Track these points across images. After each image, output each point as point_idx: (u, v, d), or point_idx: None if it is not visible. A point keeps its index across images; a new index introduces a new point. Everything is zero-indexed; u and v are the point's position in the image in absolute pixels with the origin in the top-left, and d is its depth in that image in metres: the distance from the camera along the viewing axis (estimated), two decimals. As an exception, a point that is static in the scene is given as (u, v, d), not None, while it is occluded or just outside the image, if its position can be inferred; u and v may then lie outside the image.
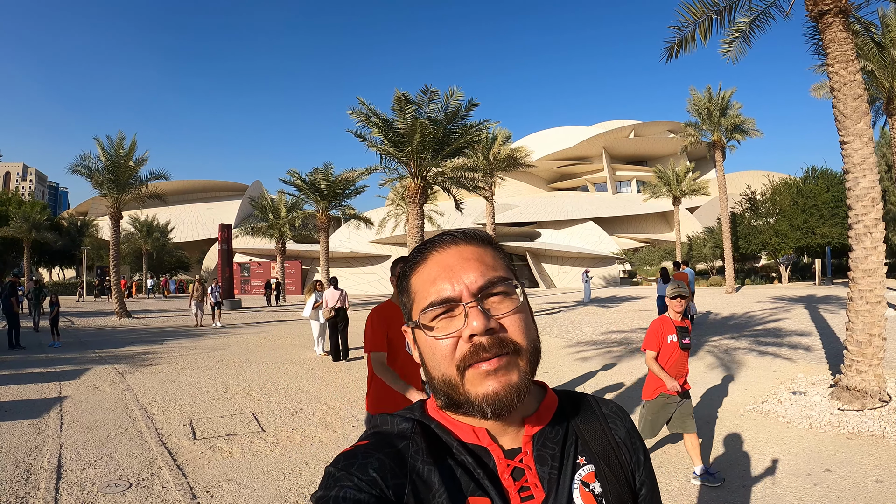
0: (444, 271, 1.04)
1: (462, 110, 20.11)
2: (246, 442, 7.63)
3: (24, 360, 14.88)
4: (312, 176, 34.42)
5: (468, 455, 1.02)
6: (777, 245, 41.05)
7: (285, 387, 11.22)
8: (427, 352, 1.05)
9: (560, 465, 1.05)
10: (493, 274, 1.04)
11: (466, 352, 0.98)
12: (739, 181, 69.63)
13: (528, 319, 1.05)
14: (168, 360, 14.51)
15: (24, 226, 49.61)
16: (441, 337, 1.01)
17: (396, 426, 1.07)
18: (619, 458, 1.13)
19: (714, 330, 17.43)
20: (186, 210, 79.72)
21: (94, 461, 6.77)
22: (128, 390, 10.84)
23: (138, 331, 22.71)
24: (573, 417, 1.15)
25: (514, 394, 0.98)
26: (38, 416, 8.95)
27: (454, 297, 1.01)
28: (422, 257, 1.10)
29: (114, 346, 17.79)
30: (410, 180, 21.32)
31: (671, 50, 12.31)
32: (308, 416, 8.97)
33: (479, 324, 0.97)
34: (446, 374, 1.01)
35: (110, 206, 29.39)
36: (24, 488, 5.94)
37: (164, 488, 5.94)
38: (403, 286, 1.12)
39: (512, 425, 1.07)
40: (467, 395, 0.99)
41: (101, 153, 28.57)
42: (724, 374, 11.27)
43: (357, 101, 20.33)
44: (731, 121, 34.80)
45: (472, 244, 1.10)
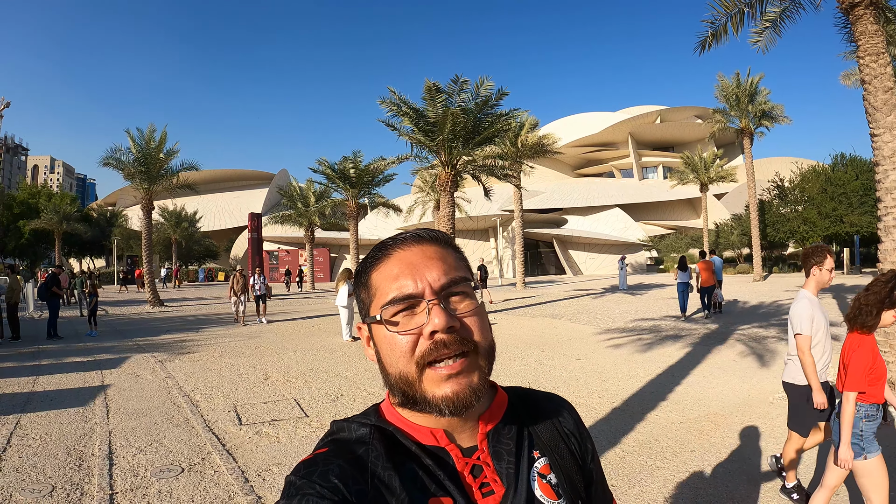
0: (407, 268, 1.05)
1: (492, 99, 20.06)
2: (291, 427, 7.68)
3: (63, 349, 15.06)
4: (342, 164, 34.49)
5: (428, 457, 1.03)
6: (805, 233, 40.50)
7: (324, 373, 11.27)
8: (385, 348, 1.05)
9: (517, 459, 1.08)
10: (455, 273, 1.06)
11: (427, 348, 0.99)
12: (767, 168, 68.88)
13: (485, 321, 1.07)
14: (205, 348, 14.65)
15: (54, 217, 50.33)
16: (402, 332, 1.01)
17: (354, 432, 1.07)
18: (570, 448, 1.17)
19: (743, 318, 17.30)
20: (214, 199, 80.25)
21: (144, 447, 6.83)
22: (169, 378, 10.94)
23: (172, 319, 22.95)
24: (524, 413, 1.17)
25: (472, 395, 1.00)
26: (84, 404, 9.05)
27: (416, 293, 1.02)
28: (384, 254, 1.10)
29: (150, 334, 17.98)
30: (441, 169, 21.30)
31: (704, 42, 12.32)
32: (349, 402, 9.01)
33: (441, 321, 0.98)
34: (404, 371, 1.01)
35: (142, 196, 29.75)
36: (77, 475, 6.00)
37: (216, 472, 5.99)
38: (362, 281, 1.12)
39: (468, 423, 1.08)
40: (424, 394, 1.00)
41: (132, 145, 28.92)
42: (754, 363, 11.20)
43: (388, 90, 20.29)
44: (759, 107, 34.34)
45: (435, 244, 1.11)
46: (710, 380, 9.91)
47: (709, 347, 12.84)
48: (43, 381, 10.94)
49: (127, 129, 28.89)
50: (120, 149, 28.95)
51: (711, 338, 14.02)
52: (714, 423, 7.46)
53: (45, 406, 8.94)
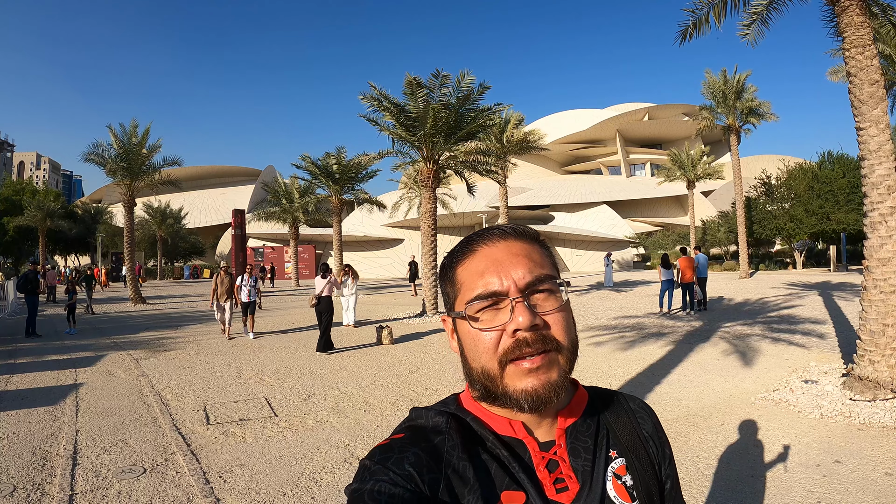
0: (492, 265, 1.05)
1: (474, 93, 19.97)
2: (259, 427, 7.71)
3: (40, 347, 15.02)
4: (325, 161, 34.37)
5: (503, 448, 1.03)
6: (792, 230, 40.64)
7: (298, 371, 11.30)
8: (468, 343, 1.06)
9: (593, 457, 1.08)
10: (541, 271, 1.05)
11: (509, 346, 0.99)
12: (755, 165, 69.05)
13: (569, 319, 1.07)
14: (182, 346, 14.65)
15: (38, 214, 49.98)
16: (485, 329, 1.02)
17: (431, 420, 1.09)
18: (648, 452, 1.16)
19: (728, 316, 17.39)
20: (200, 196, 79.79)
21: (109, 447, 6.85)
22: (142, 376, 10.95)
23: (153, 317, 22.90)
24: (603, 412, 1.17)
25: (552, 391, 1.00)
26: (55, 403, 9.05)
27: (501, 291, 1.02)
28: (470, 249, 1.11)
29: (129, 332, 17.95)
30: (423, 164, 21.25)
31: (685, 33, 12.21)
32: (320, 401, 9.04)
33: (525, 319, 0.98)
34: (486, 367, 1.02)
35: (124, 193, 29.55)
36: (40, 475, 6.02)
37: (177, 473, 6.01)
38: (448, 276, 1.13)
39: (546, 418, 1.08)
40: (505, 389, 1.01)
41: (114, 141, 28.72)
42: (737, 361, 11.23)
43: (368, 86, 20.25)
44: (746, 104, 34.39)
45: (521, 240, 1.11)
46: (691, 379, 9.96)
47: (692, 345, 12.89)
48: (16, 379, 10.92)
49: (109, 125, 28.70)
50: (102, 144, 28.72)
51: (695, 336, 14.09)
52: (693, 425, 7.48)
53: (16, 405, 8.94)
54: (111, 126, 28.80)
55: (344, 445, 6.92)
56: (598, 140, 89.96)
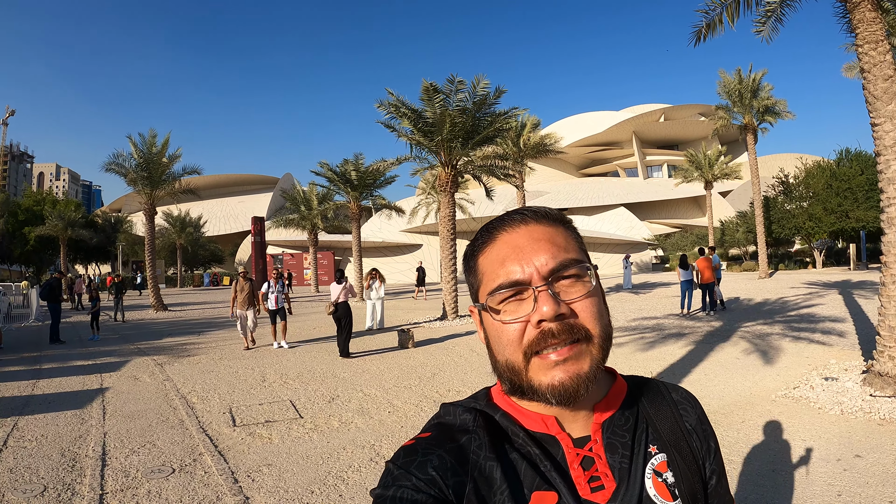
0: (513, 252, 1.00)
1: (490, 98, 19.97)
2: (284, 428, 7.74)
3: (65, 353, 15.14)
4: (343, 167, 34.39)
5: (534, 445, 0.99)
6: (811, 229, 40.23)
7: (321, 375, 11.33)
8: (493, 335, 1.02)
9: (631, 453, 1.02)
10: (565, 256, 1.00)
11: (534, 337, 0.95)
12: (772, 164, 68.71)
13: (600, 304, 1.01)
14: (206, 351, 14.74)
15: (59, 224, 50.40)
16: (509, 321, 0.97)
17: (459, 417, 1.06)
18: (691, 446, 1.10)
19: (748, 315, 17.25)
20: (219, 204, 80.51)
21: (137, 448, 6.90)
22: (167, 380, 11.03)
23: (175, 323, 23.06)
24: (643, 404, 1.11)
25: (581, 384, 0.94)
26: (81, 406, 9.14)
27: (524, 279, 0.97)
28: (490, 237, 1.06)
29: (152, 338, 18.07)
30: (441, 169, 21.27)
31: (699, 33, 12.17)
32: (344, 403, 9.06)
33: (549, 309, 0.93)
34: (511, 360, 0.98)
35: (144, 202, 29.82)
36: (70, 475, 6.08)
37: (206, 473, 6.06)
38: (470, 266, 1.09)
39: (581, 412, 1.04)
40: (531, 383, 0.96)
41: (133, 151, 29.01)
42: (758, 360, 11.16)
43: (385, 92, 20.33)
44: (762, 103, 34.10)
45: (543, 223, 1.05)
46: (712, 378, 9.91)
47: (712, 345, 12.80)
48: (43, 384, 11.04)
49: (129, 135, 28.96)
50: (122, 154, 29.02)
51: (715, 335, 13.98)
52: (714, 423, 7.33)
53: (43, 409, 9.03)
54: (131, 136, 29.07)
55: (369, 445, 6.94)
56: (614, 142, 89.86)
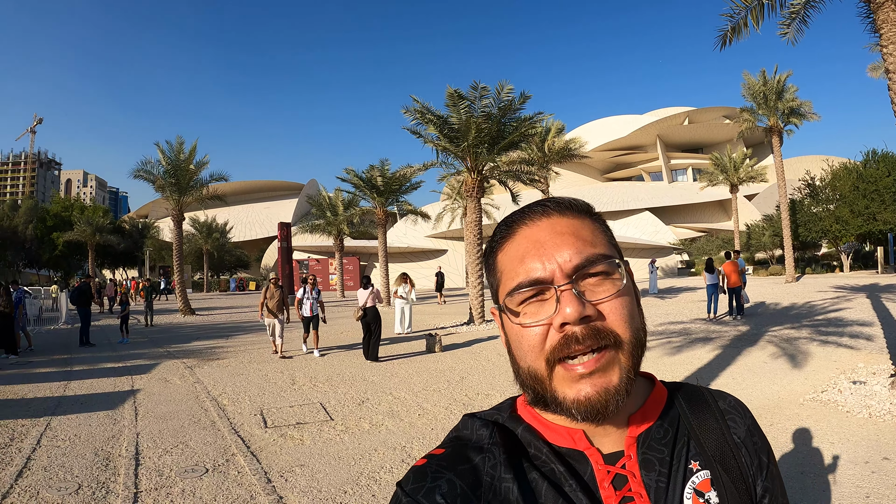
0: (533, 248, 0.90)
1: (515, 103, 19.97)
2: (316, 430, 7.74)
3: (95, 356, 15.30)
4: (369, 173, 34.52)
5: (558, 462, 0.90)
6: (838, 232, 39.65)
7: (350, 378, 11.32)
8: (514, 340, 0.92)
9: (669, 470, 0.91)
10: (591, 251, 0.89)
11: (556, 343, 0.85)
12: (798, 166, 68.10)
13: (631, 305, 0.91)
14: (234, 355, 14.80)
15: (87, 229, 51.20)
16: (529, 324, 0.88)
17: (476, 432, 0.97)
18: (739, 461, 0.96)
19: (775, 320, 17.04)
20: (244, 210, 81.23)
21: (170, 448, 6.93)
22: (198, 383, 11.08)
23: (203, 327, 23.24)
24: (685, 414, 1.00)
25: (610, 399, 0.85)
26: (113, 407, 9.19)
27: (545, 278, 0.87)
28: (509, 231, 0.96)
29: (181, 341, 18.21)
30: (467, 175, 21.28)
31: (724, 37, 12.11)
32: (375, 406, 9.05)
33: (573, 310, 0.83)
34: (533, 367, 0.89)
35: (172, 208, 30.18)
36: (104, 474, 6.11)
37: (239, 473, 6.06)
38: (489, 264, 1.00)
39: (613, 424, 0.93)
40: (555, 395, 0.87)
41: (161, 158, 29.49)
42: (785, 364, 11.03)
43: (410, 99, 20.41)
44: (787, 104, 33.67)
45: (567, 215, 0.95)
46: (740, 382, 9.79)
47: (739, 349, 12.64)
48: (74, 385, 11.15)
49: (156, 142, 29.51)
50: (150, 161, 29.58)
51: (742, 340, 13.81)
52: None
53: (76, 409, 9.11)
54: (158, 143, 29.63)
55: (400, 447, 6.92)
56: (638, 146, 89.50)
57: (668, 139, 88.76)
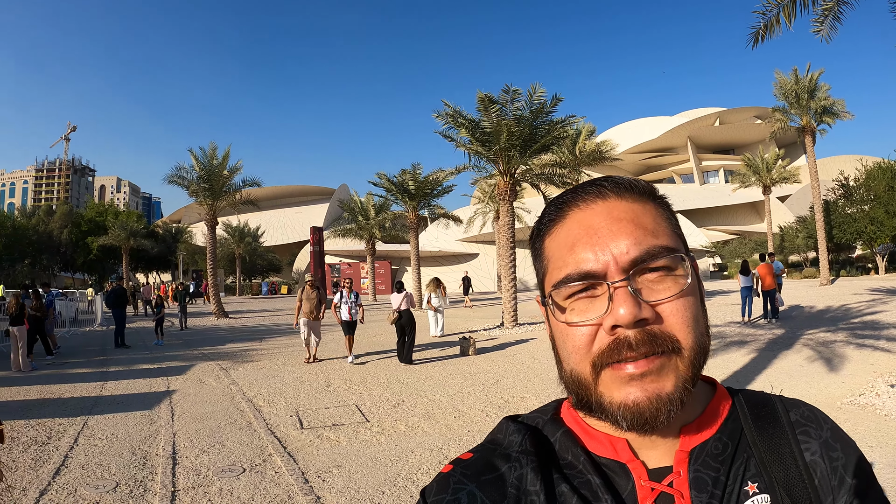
0: (585, 235, 0.79)
1: (547, 106, 19.93)
2: (352, 431, 7.70)
3: (131, 357, 15.44)
4: (401, 177, 34.60)
5: (595, 474, 0.79)
6: (873, 233, 38.72)
7: (385, 381, 11.28)
8: (558, 337, 0.82)
9: (723, 492, 0.77)
10: (653, 242, 0.78)
11: (606, 347, 0.75)
12: (831, 166, 66.87)
13: (695, 307, 0.79)
14: (268, 357, 14.82)
15: (122, 234, 51.96)
16: (576, 323, 0.78)
17: (508, 437, 0.87)
18: (810, 484, 0.79)
19: (810, 323, 16.72)
20: (276, 214, 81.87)
21: (207, 448, 6.93)
22: (233, 384, 11.11)
23: (236, 329, 23.38)
24: (748, 426, 0.84)
25: (662, 407, 0.74)
26: (150, 407, 9.23)
27: (597, 271, 0.77)
28: (559, 214, 0.85)
29: (214, 343, 18.34)
30: (499, 178, 21.24)
31: (756, 35, 11.98)
32: (410, 408, 8.99)
33: (627, 311, 0.73)
34: (577, 371, 0.79)
35: (206, 212, 30.53)
36: (141, 472, 6.11)
37: (276, 473, 6.04)
38: (536, 248, 0.89)
39: (663, 435, 0.81)
40: (600, 400, 0.77)
41: (195, 163, 29.90)
42: (822, 367, 10.85)
43: (442, 103, 20.48)
44: (819, 103, 33.03)
45: (626, 198, 0.83)
46: (776, 385, 9.58)
47: (775, 353, 12.42)
48: (110, 386, 11.24)
49: (189, 148, 29.88)
50: (184, 167, 30.07)
51: (777, 343, 13.57)
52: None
53: (112, 409, 9.17)
54: (192, 149, 29.92)
55: (437, 448, 6.86)
56: (669, 148, 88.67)
57: (698, 140, 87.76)
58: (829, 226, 38.84)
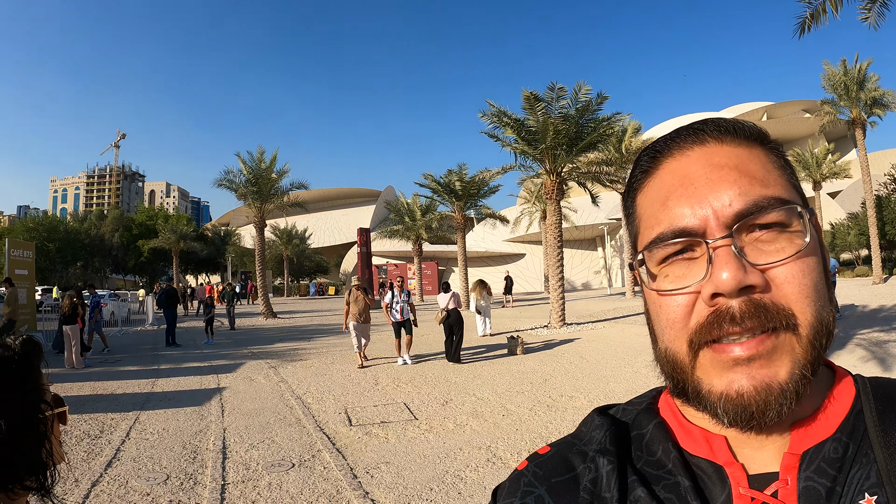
0: (680, 186, 0.67)
1: (593, 104, 19.79)
2: (400, 429, 7.67)
3: (181, 356, 15.69)
4: (447, 178, 34.62)
5: (685, 476, 0.65)
6: (927, 230, 37.65)
7: (433, 379, 11.24)
8: (652, 309, 0.70)
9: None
10: (761, 192, 0.64)
11: (705, 320, 0.62)
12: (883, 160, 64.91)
13: (816, 273, 0.64)
14: (317, 356, 14.89)
15: (172, 237, 53.06)
16: (669, 291, 0.65)
17: (590, 431, 0.75)
18: None
19: (863, 323, 16.23)
20: (323, 217, 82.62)
21: (256, 444, 6.96)
22: (282, 382, 11.17)
23: (285, 329, 23.59)
24: (874, 424, 0.65)
25: (772, 400, 0.60)
26: (200, 404, 9.33)
27: (694, 228, 0.64)
28: (652, 165, 0.73)
29: (263, 343, 18.51)
30: (546, 177, 21.10)
31: (803, 24, 11.78)
32: (458, 406, 8.92)
33: (730, 276, 0.59)
34: (671, 350, 0.66)
35: (254, 215, 31.01)
36: (192, 466, 6.16)
37: (325, 468, 6.04)
38: (627, 207, 0.77)
39: (769, 433, 0.65)
40: (698, 387, 0.64)
41: (243, 167, 30.41)
42: (876, 368, 10.57)
43: (486, 104, 20.47)
44: (869, 94, 31.94)
45: (728, 142, 0.69)
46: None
47: (827, 353, 12.12)
48: (161, 383, 11.40)
49: (237, 153, 30.28)
50: (232, 171, 30.59)
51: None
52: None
53: (163, 405, 9.29)
54: (239, 154, 30.40)
55: (485, 446, 6.80)
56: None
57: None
58: (881, 222, 37.74)
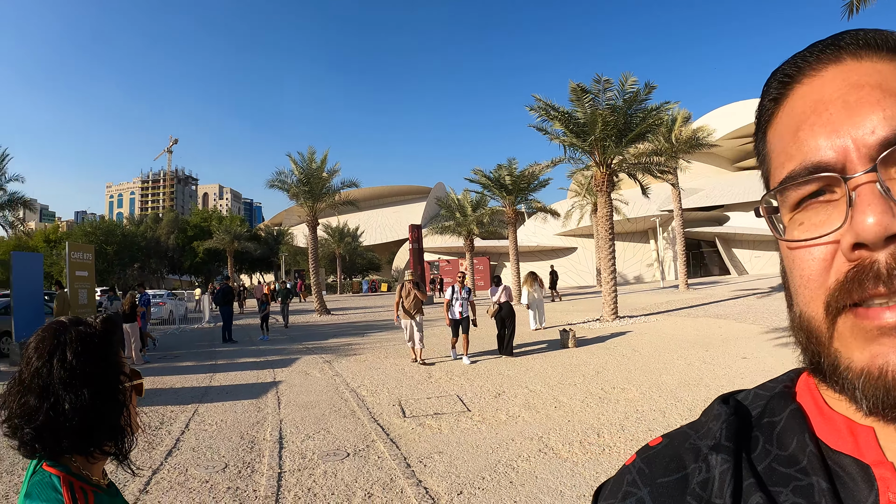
0: (813, 113, 0.53)
1: (640, 94, 19.59)
2: (453, 420, 7.70)
3: (237, 351, 16.00)
4: (497, 172, 34.51)
5: (822, 476, 0.51)
6: None
7: (486, 372, 11.25)
8: (787, 265, 0.57)
9: None
10: None
11: (845, 276, 0.49)
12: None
13: None
14: (370, 350, 15.05)
15: (226, 237, 54.04)
16: (801, 243, 0.53)
17: (709, 422, 0.62)
18: None
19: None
20: (374, 214, 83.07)
21: (312, 434, 7.08)
22: (336, 376, 11.32)
23: (339, 325, 23.91)
24: None
25: None
26: (257, 397, 9.51)
27: (830, 162, 0.51)
28: (783, 91, 0.58)
29: (318, 338, 18.74)
30: (596, 169, 20.92)
31: (851, 6, 11.39)
32: (510, 398, 8.92)
33: (876, 221, 0.46)
34: (806, 314, 0.54)
35: (306, 214, 31.38)
36: (249, 455, 6.31)
37: (379, 458, 6.11)
38: (756, 144, 0.65)
39: None
40: (835, 362, 0.52)
41: (294, 168, 30.78)
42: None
43: (532, 98, 20.46)
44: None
45: (868, 58, 0.54)
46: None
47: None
48: (219, 377, 11.69)
49: (288, 153, 30.73)
50: (284, 171, 30.97)
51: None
52: None
53: (221, 398, 9.52)
54: (290, 154, 30.81)
55: (537, 437, 6.79)
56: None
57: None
58: None
